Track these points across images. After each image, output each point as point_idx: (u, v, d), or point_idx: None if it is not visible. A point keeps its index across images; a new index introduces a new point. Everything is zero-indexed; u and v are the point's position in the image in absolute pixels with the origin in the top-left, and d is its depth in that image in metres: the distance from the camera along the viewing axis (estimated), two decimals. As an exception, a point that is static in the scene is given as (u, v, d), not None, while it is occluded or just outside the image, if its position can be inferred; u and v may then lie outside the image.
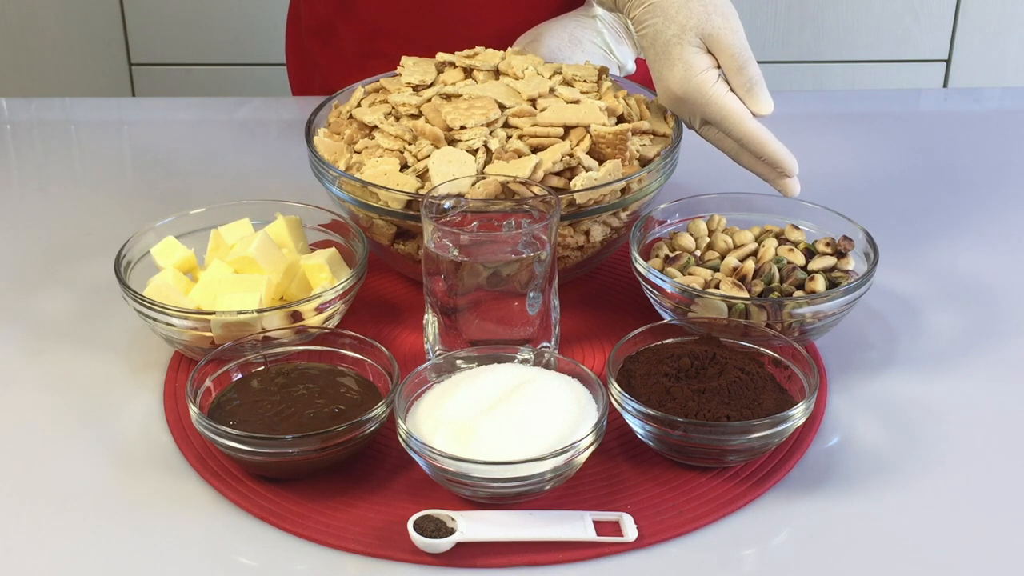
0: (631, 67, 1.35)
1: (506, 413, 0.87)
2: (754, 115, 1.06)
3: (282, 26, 1.63)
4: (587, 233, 1.07)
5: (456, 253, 0.95)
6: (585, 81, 1.14)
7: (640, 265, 1.03)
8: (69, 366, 1.04)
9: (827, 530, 0.87)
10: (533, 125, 1.07)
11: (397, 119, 1.11)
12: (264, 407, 0.91)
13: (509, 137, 1.07)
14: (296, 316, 0.99)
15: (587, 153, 1.06)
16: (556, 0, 1.41)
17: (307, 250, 1.10)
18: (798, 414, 0.89)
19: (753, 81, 1.06)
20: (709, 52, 1.07)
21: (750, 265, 1.04)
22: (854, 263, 1.06)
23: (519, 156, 1.04)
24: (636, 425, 0.90)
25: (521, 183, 1.01)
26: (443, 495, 0.88)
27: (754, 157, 1.07)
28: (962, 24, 2.54)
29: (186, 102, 1.61)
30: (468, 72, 1.18)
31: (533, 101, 1.11)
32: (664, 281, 1.01)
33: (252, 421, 0.90)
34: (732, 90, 1.06)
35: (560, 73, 1.16)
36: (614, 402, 0.91)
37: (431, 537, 0.83)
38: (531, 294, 0.97)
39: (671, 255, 1.07)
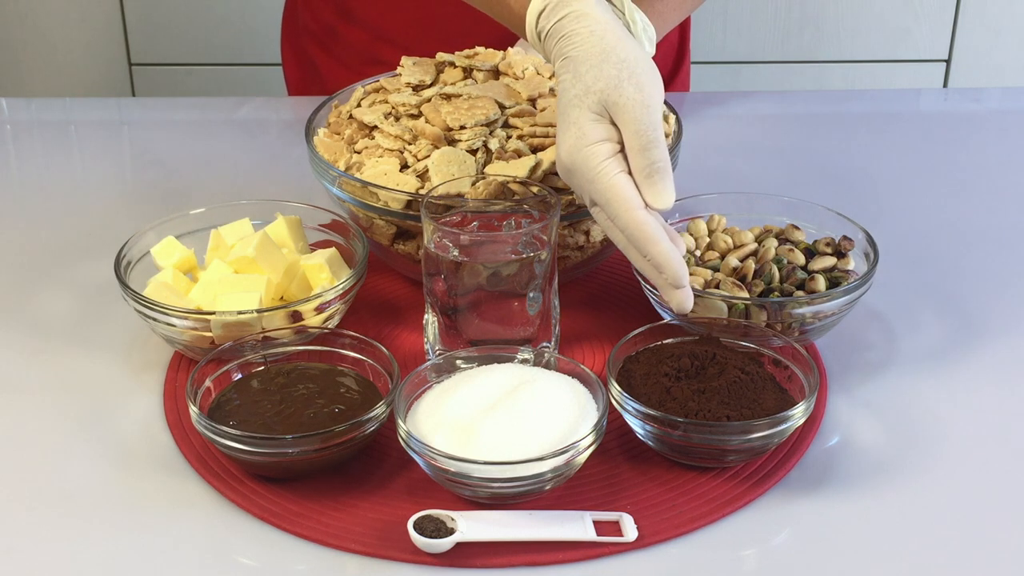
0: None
1: (506, 413, 0.87)
2: (648, 206, 0.92)
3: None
4: (587, 233, 1.07)
5: (456, 253, 0.95)
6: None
7: (640, 265, 1.03)
8: (69, 366, 1.04)
9: (827, 530, 0.87)
10: (533, 125, 1.07)
11: (397, 119, 1.11)
12: (264, 407, 0.91)
13: (509, 137, 1.07)
14: (296, 316, 1.00)
15: (587, 153, 1.06)
16: None
17: (307, 250, 1.10)
18: (798, 414, 0.89)
19: (655, 166, 0.91)
20: (613, 124, 0.93)
21: (750, 265, 1.04)
22: (854, 263, 1.06)
23: (519, 156, 1.04)
24: (636, 425, 0.90)
25: (521, 183, 1.01)
26: (443, 495, 0.88)
27: (641, 255, 0.92)
28: (962, 24, 2.54)
29: (186, 102, 1.62)
30: (468, 72, 1.18)
31: (533, 101, 1.11)
32: (664, 281, 1.01)
33: (252, 421, 0.90)
34: (630, 172, 0.92)
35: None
36: (614, 402, 0.91)
37: (431, 537, 0.83)
38: (531, 294, 0.97)
39: (671, 255, 1.07)
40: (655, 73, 0.94)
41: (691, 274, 1.04)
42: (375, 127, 1.10)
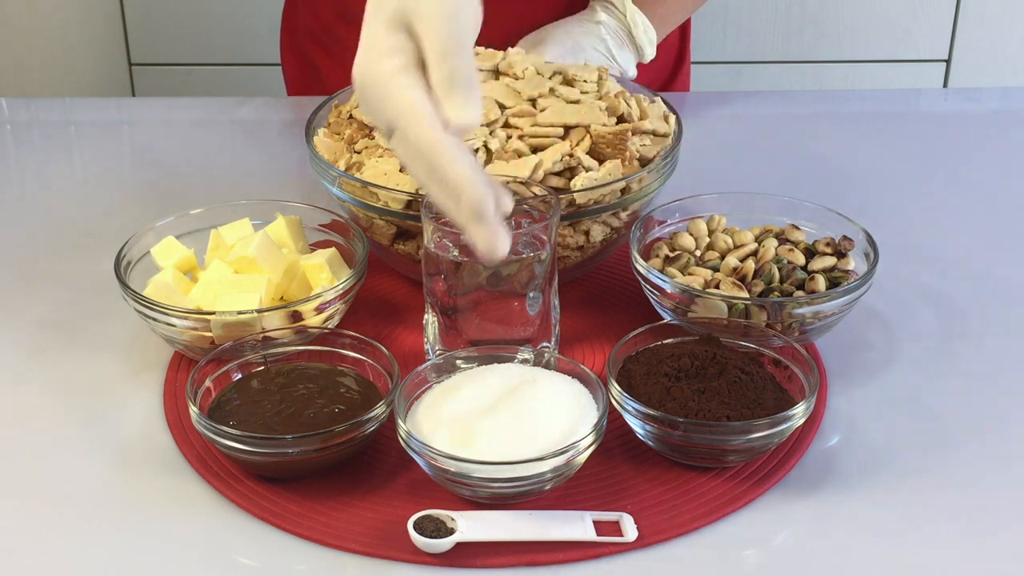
0: (632, 73, 1.35)
1: (506, 413, 0.87)
2: (447, 123, 0.79)
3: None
4: (587, 233, 1.07)
5: (456, 253, 0.95)
6: (586, 81, 1.14)
7: (640, 265, 1.03)
8: (69, 366, 1.04)
9: (827, 530, 0.87)
10: (533, 125, 1.07)
11: (397, 119, 1.11)
12: (264, 407, 0.91)
13: (509, 137, 1.07)
14: (296, 316, 0.99)
15: (587, 153, 1.06)
16: (557, 10, 1.40)
17: (307, 250, 1.10)
18: (798, 414, 0.89)
19: (456, 77, 0.78)
20: (414, 38, 0.81)
21: (750, 265, 1.04)
22: (854, 263, 1.06)
23: (519, 156, 1.04)
24: (636, 425, 0.90)
25: (521, 183, 1.01)
26: (443, 495, 0.88)
27: (439, 184, 0.80)
28: (962, 24, 2.54)
29: (186, 102, 1.62)
30: (468, 72, 1.17)
31: (533, 101, 1.11)
32: (664, 281, 1.01)
33: (252, 421, 0.90)
34: (430, 87, 0.80)
35: (561, 73, 1.16)
36: (614, 402, 0.91)
37: (431, 537, 0.83)
38: (531, 294, 0.97)
39: (671, 255, 1.07)
40: None
41: (691, 274, 1.04)
42: (375, 127, 1.10)
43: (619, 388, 0.90)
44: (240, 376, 0.96)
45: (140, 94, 2.60)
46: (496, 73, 1.16)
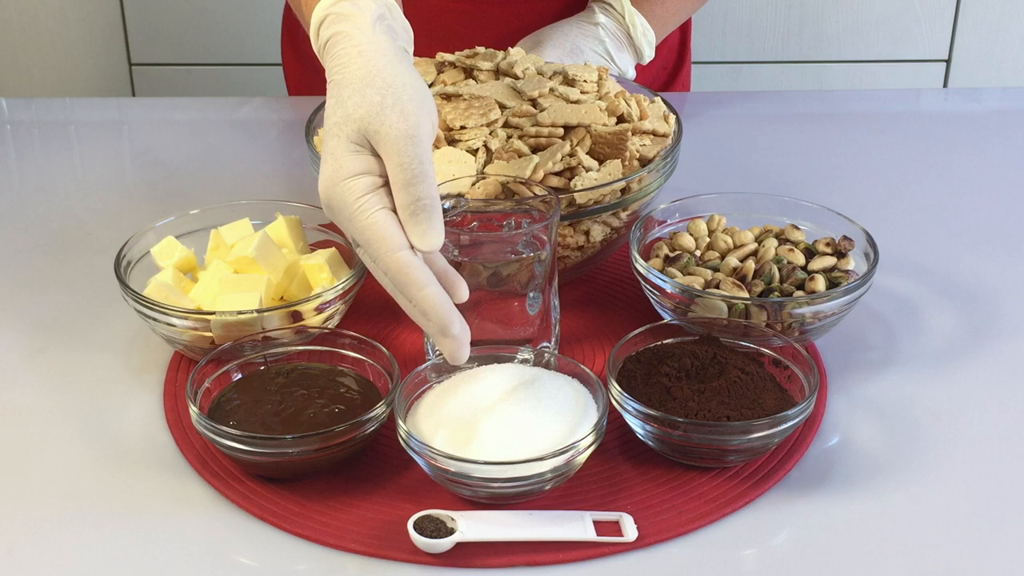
0: (632, 75, 1.35)
1: (506, 413, 0.87)
2: (414, 248, 0.83)
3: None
4: (587, 233, 1.07)
5: (456, 253, 0.95)
6: (587, 81, 1.14)
7: (640, 265, 1.03)
8: (69, 366, 1.04)
9: (827, 530, 0.87)
10: (533, 125, 1.07)
11: (397, 119, 1.11)
12: (264, 407, 0.91)
13: (509, 137, 1.07)
14: (296, 316, 0.99)
15: (587, 153, 1.06)
16: (556, 11, 1.40)
17: (307, 250, 1.10)
18: (798, 414, 0.89)
19: (420, 203, 0.82)
20: (376, 155, 0.85)
21: (750, 265, 1.04)
22: (854, 263, 1.06)
23: (519, 156, 1.04)
24: (636, 425, 0.90)
25: (521, 183, 1.01)
26: (443, 495, 0.88)
27: (407, 302, 0.85)
28: (962, 24, 2.54)
29: (186, 102, 1.62)
30: (468, 72, 1.18)
31: (533, 101, 1.11)
32: (664, 281, 1.01)
33: (252, 421, 0.90)
34: (394, 209, 0.84)
35: (561, 73, 1.16)
36: (614, 402, 0.91)
37: (431, 537, 0.83)
38: (531, 294, 0.97)
39: (671, 255, 1.07)
40: (425, 100, 0.86)
41: (691, 274, 1.04)
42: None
43: (619, 388, 0.90)
44: (240, 376, 0.96)
45: (140, 94, 2.60)
46: (496, 72, 1.16)
